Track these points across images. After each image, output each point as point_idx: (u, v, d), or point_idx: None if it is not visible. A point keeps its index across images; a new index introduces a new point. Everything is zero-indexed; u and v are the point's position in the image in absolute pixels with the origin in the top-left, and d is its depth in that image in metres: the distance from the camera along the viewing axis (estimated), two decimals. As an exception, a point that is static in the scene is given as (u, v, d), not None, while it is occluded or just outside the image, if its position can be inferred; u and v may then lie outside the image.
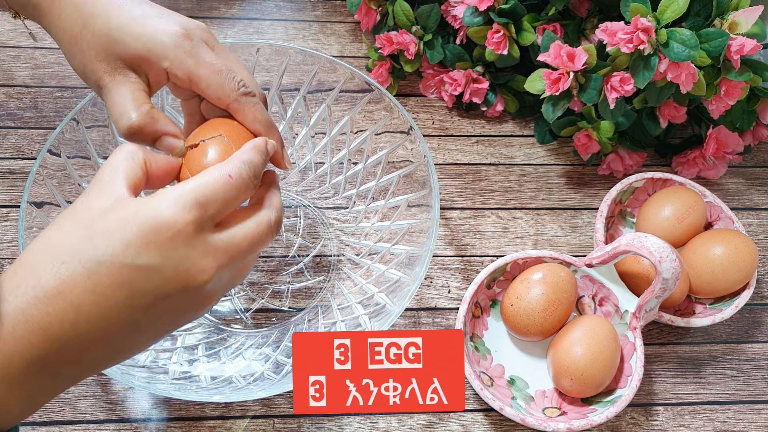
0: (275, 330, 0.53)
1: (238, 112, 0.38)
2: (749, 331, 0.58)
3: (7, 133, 0.60)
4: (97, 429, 0.49)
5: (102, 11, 0.37)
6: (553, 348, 0.51)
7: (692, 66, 0.52)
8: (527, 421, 0.48)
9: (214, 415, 0.50)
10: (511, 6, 0.59)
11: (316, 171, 0.59)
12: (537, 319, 0.51)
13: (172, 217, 0.30)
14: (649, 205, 0.58)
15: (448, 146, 0.65)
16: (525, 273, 0.53)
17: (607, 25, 0.53)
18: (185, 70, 0.37)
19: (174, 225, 0.30)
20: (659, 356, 0.56)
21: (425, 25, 0.64)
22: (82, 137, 0.49)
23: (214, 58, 0.38)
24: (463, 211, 0.61)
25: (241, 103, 0.38)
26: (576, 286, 0.53)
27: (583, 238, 0.61)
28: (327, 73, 0.54)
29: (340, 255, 0.57)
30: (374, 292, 0.52)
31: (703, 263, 0.54)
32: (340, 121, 0.56)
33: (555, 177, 0.64)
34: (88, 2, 0.37)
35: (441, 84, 0.66)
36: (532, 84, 0.56)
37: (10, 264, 0.43)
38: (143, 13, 0.37)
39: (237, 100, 0.38)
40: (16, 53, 0.65)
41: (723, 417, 0.54)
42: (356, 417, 0.51)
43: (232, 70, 0.38)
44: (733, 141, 0.61)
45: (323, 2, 0.73)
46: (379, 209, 0.56)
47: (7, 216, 0.56)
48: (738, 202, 0.64)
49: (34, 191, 0.45)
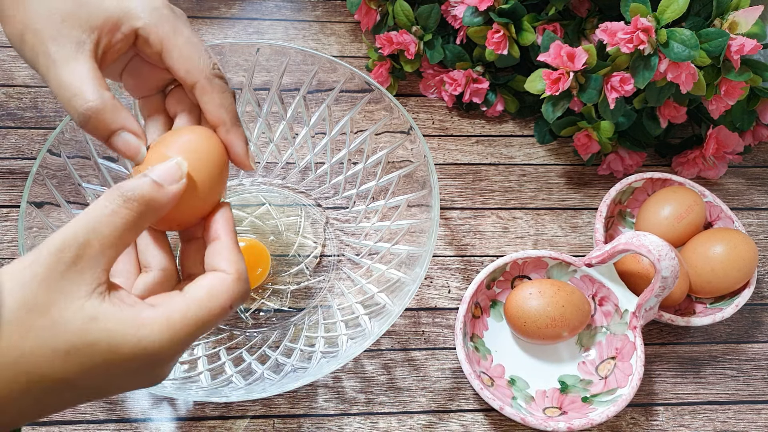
0: (275, 330, 0.53)
1: (206, 93, 0.34)
2: (749, 331, 0.58)
3: (7, 133, 0.60)
4: (97, 429, 0.49)
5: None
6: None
7: (692, 66, 0.52)
8: (527, 420, 0.48)
9: (214, 415, 0.50)
10: (511, 6, 0.59)
11: (316, 171, 0.59)
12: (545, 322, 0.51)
13: (164, 357, 0.28)
14: (648, 205, 0.58)
15: (448, 146, 0.65)
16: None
17: (607, 25, 0.53)
18: (160, 35, 0.33)
19: (161, 362, 0.28)
20: (659, 356, 0.56)
21: (425, 25, 0.64)
22: (82, 137, 0.49)
23: (191, 33, 0.34)
24: (463, 211, 0.61)
25: (212, 84, 0.34)
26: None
27: (583, 238, 0.61)
28: (327, 73, 0.54)
29: (340, 255, 0.57)
30: (374, 292, 0.52)
31: (703, 262, 0.54)
32: (340, 121, 0.56)
33: (555, 177, 0.64)
34: None
35: (441, 84, 0.66)
36: (532, 84, 0.56)
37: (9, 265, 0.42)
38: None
39: (208, 78, 0.34)
40: (16, 53, 0.65)
41: (723, 417, 0.54)
42: (356, 417, 0.51)
43: (207, 50, 0.34)
44: (733, 141, 0.61)
45: (323, 2, 0.73)
46: (379, 209, 0.56)
47: (7, 216, 0.56)
48: (738, 202, 0.64)
49: (34, 191, 0.45)
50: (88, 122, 0.32)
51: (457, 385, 0.53)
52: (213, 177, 0.33)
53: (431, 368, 0.54)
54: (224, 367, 0.49)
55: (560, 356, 0.54)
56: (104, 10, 0.33)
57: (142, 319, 0.27)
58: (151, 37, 0.33)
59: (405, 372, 0.53)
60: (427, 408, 0.52)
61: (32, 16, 0.32)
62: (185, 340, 0.28)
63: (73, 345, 0.26)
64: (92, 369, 0.27)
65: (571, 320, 0.51)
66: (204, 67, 0.34)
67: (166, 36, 0.33)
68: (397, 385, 0.53)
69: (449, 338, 0.55)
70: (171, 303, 0.29)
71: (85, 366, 0.27)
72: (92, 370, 0.27)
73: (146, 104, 0.37)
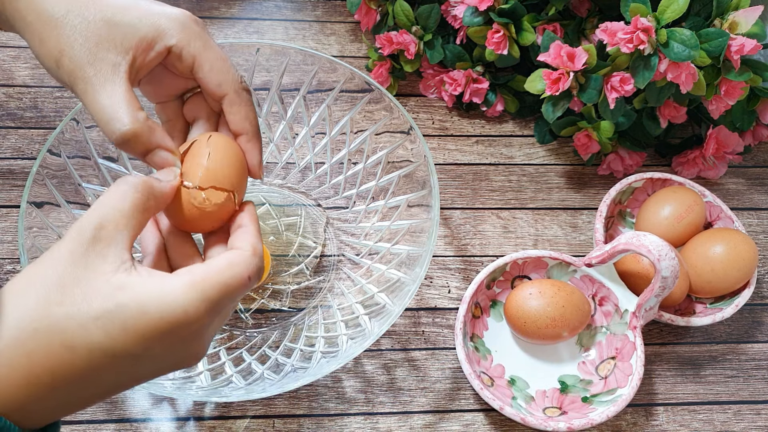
0: (275, 330, 0.53)
1: (234, 105, 0.36)
2: (749, 331, 0.58)
3: (7, 133, 0.60)
4: (97, 429, 0.49)
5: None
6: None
7: (692, 66, 0.52)
8: (527, 420, 0.48)
9: (214, 415, 0.50)
10: (511, 6, 0.59)
11: (316, 171, 0.59)
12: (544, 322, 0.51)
13: (192, 316, 0.29)
14: (648, 205, 0.58)
15: (448, 146, 0.65)
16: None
17: (607, 25, 0.53)
18: (192, 51, 0.35)
19: (190, 325, 0.29)
20: (659, 356, 0.56)
21: (425, 25, 0.64)
22: (82, 137, 0.49)
23: (218, 47, 0.36)
24: (463, 211, 0.61)
25: (240, 97, 0.36)
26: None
27: (583, 238, 0.61)
28: (327, 73, 0.54)
29: (340, 255, 0.57)
30: (374, 292, 0.52)
31: (703, 262, 0.54)
32: (340, 121, 0.56)
33: (555, 177, 0.64)
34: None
35: (441, 84, 0.66)
36: (532, 84, 0.56)
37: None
38: (138, 1, 0.35)
39: (237, 91, 0.36)
40: (16, 53, 0.65)
41: (723, 417, 0.54)
42: (356, 417, 0.51)
43: (233, 64, 0.37)
44: (733, 141, 0.61)
45: (323, 2, 0.73)
46: (379, 209, 0.56)
47: (7, 216, 0.56)
48: (738, 202, 0.64)
49: (34, 191, 0.45)
50: (126, 144, 0.34)
51: (457, 385, 0.53)
52: (241, 181, 0.36)
53: (431, 368, 0.53)
54: (224, 367, 0.49)
55: (560, 356, 0.54)
56: (137, 30, 0.34)
57: (167, 283, 0.29)
58: (184, 53, 0.35)
59: (405, 372, 0.53)
60: (427, 408, 0.52)
61: (68, 41, 0.33)
62: (211, 303, 0.29)
63: (104, 309, 0.28)
64: (123, 332, 0.28)
65: (571, 320, 0.51)
66: (233, 82, 0.36)
67: (198, 52, 0.35)
68: (397, 385, 0.53)
69: (449, 338, 0.55)
70: (193, 269, 0.30)
71: (116, 329, 0.28)
72: (123, 333, 0.28)
73: (164, 109, 0.39)
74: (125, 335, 0.28)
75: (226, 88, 0.36)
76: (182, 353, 0.30)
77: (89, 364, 0.28)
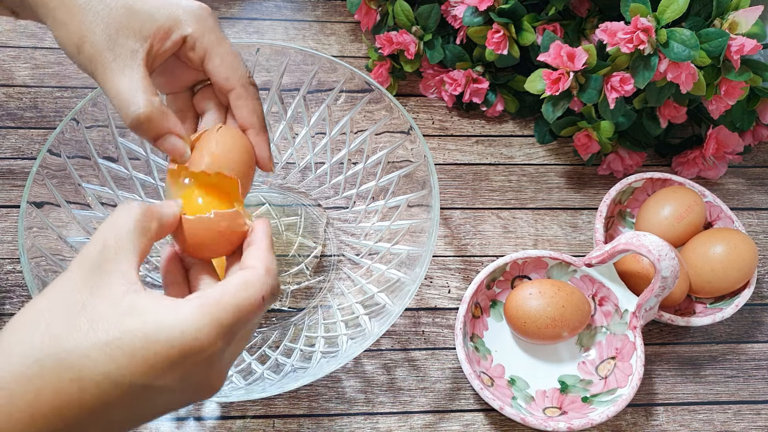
0: (275, 330, 0.53)
1: (241, 98, 0.37)
2: (749, 331, 0.58)
3: (7, 133, 0.60)
4: (97, 429, 0.49)
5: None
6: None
7: (692, 66, 0.52)
8: (527, 420, 0.48)
9: (214, 415, 0.50)
10: (511, 6, 0.59)
11: (316, 171, 0.59)
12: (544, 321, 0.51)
13: (204, 343, 0.27)
14: (648, 205, 0.58)
15: (448, 146, 0.65)
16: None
17: (607, 25, 0.53)
18: (205, 43, 0.36)
19: (203, 352, 0.27)
20: (659, 356, 0.56)
21: (425, 25, 0.64)
22: (82, 137, 0.49)
23: (230, 42, 0.37)
24: (463, 211, 0.61)
25: (248, 91, 0.37)
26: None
27: (583, 238, 0.61)
28: (327, 73, 0.54)
29: (340, 255, 0.57)
30: (374, 292, 0.52)
31: (703, 262, 0.54)
32: (340, 121, 0.56)
33: (555, 177, 0.64)
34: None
35: (441, 84, 0.66)
36: (532, 84, 0.56)
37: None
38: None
39: (244, 86, 0.37)
40: (16, 53, 0.65)
41: (723, 417, 0.54)
42: (356, 417, 0.51)
43: (243, 59, 0.38)
44: (733, 141, 0.61)
45: (323, 2, 0.73)
46: (379, 209, 0.56)
47: (7, 216, 0.56)
48: (738, 202, 0.64)
49: (34, 191, 0.45)
50: (139, 126, 0.34)
51: (457, 385, 0.53)
52: (248, 171, 0.37)
53: (431, 368, 0.53)
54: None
55: (560, 356, 0.54)
56: (156, 19, 0.35)
57: (177, 308, 0.28)
58: (197, 44, 0.36)
59: (405, 372, 0.53)
60: (427, 408, 0.52)
61: (90, 27, 0.34)
62: (223, 328, 0.28)
63: (111, 337, 0.26)
64: (131, 361, 0.26)
65: (571, 320, 0.51)
66: (242, 76, 0.37)
67: (211, 45, 0.36)
68: (397, 385, 0.53)
69: (449, 338, 0.55)
70: (205, 293, 0.29)
71: (125, 357, 0.26)
72: (131, 362, 0.26)
73: (175, 100, 0.40)
74: (134, 364, 0.26)
75: (234, 82, 0.37)
76: (196, 383, 0.29)
77: (98, 398, 0.26)
